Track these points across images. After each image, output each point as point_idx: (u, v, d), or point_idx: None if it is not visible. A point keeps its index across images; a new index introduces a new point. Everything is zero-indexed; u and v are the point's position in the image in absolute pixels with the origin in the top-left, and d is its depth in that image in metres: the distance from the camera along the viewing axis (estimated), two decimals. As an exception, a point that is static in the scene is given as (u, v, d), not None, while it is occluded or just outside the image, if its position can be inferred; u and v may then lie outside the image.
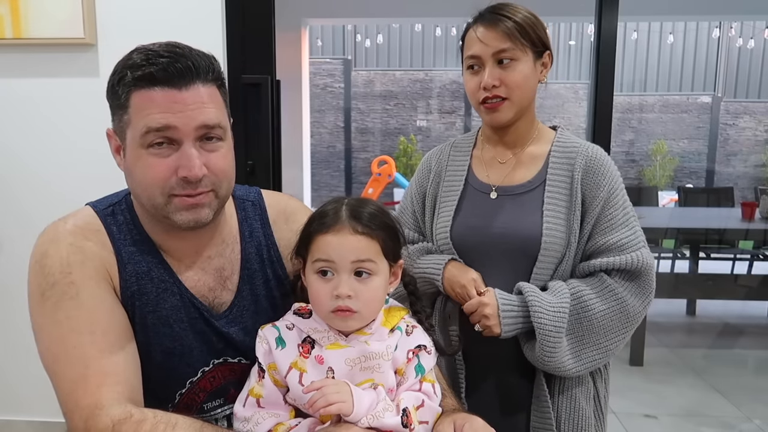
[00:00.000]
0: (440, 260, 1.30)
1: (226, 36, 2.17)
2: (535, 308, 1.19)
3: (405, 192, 1.45)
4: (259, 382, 0.91)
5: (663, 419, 2.88)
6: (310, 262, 0.92)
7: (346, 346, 0.90)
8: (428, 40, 11.79)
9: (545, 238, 1.23)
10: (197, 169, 0.87)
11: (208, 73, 0.88)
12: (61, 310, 0.88)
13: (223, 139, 0.92)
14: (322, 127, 11.83)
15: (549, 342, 1.19)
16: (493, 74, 1.23)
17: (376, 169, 8.42)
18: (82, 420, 0.84)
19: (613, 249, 1.23)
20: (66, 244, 0.91)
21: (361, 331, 0.91)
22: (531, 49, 1.24)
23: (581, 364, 1.22)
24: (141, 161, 0.88)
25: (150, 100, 0.85)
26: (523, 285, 1.23)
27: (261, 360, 0.91)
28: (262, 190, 1.12)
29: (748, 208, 4.43)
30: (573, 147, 1.29)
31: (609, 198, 1.24)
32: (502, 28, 1.22)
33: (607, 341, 1.23)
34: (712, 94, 11.85)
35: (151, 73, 0.84)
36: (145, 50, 0.87)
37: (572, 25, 11.36)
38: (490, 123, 1.31)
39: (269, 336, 0.92)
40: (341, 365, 0.88)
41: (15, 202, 2.29)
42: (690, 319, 4.56)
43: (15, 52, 2.20)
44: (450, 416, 0.89)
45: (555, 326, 1.18)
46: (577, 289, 1.22)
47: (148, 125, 0.86)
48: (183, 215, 0.90)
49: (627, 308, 1.22)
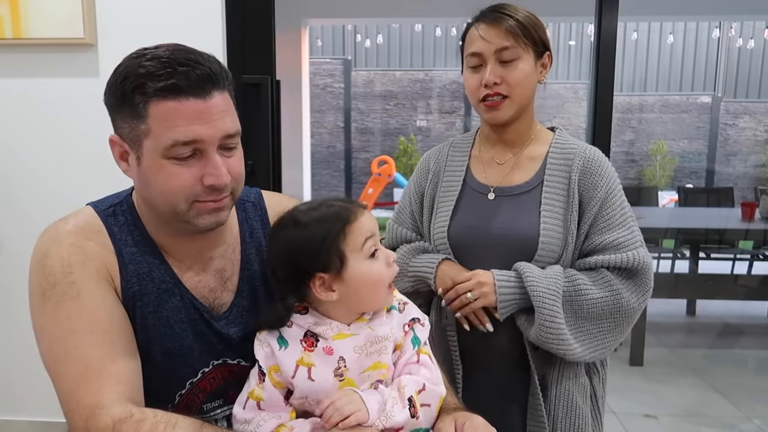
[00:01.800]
0: (434, 259, 1.31)
1: (226, 36, 2.17)
2: (529, 277, 1.20)
3: (403, 192, 1.46)
4: (259, 385, 0.91)
5: (663, 419, 2.88)
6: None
7: (352, 335, 0.90)
8: (428, 40, 11.79)
9: (542, 239, 1.23)
10: (225, 177, 0.89)
11: (223, 79, 0.89)
12: (62, 310, 0.88)
13: (238, 144, 0.93)
14: (322, 127, 11.83)
15: (545, 307, 1.18)
16: (494, 72, 1.23)
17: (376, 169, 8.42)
18: (82, 420, 0.84)
19: (610, 248, 1.23)
20: (67, 245, 0.91)
21: (362, 318, 0.93)
22: (532, 48, 1.24)
23: (582, 347, 1.22)
24: (164, 171, 0.87)
25: (175, 111, 0.84)
26: (519, 263, 1.24)
27: (262, 363, 0.91)
28: (263, 191, 1.12)
29: (748, 208, 4.43)
30: (571, 148, 1.29)
31: (606, 198, 1.24)
32: (504, 26, 1.22)
33: (601, 332, 1.23)
34: (712, 94, 11.86)
35: (176, 84, 0.83)
36: (155, 56, 0.85)
37: (572, 25, 11.37)
38: (490, 121, 1.31)
39: (269, 338, 0.92)
40: (350, 353, 0.89)
41: (15, 202, 2.29)
42: (690, 319, 4.56)
43: (15, 52, 2.20)
44: (451, 415, 0.89)
45: (550, 290, 1.19)
46: (572, 272, 1.23)
47: (176, 138, 0.85)
48: (205, 219, 0.91)
49: (621, 301, 1.22)
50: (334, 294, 0.90)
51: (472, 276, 1.24)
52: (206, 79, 0.85)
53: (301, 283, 0.91)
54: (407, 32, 11.99)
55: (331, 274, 0.90)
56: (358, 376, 0.89)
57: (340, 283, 0.90)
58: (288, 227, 0.92)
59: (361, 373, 0.89)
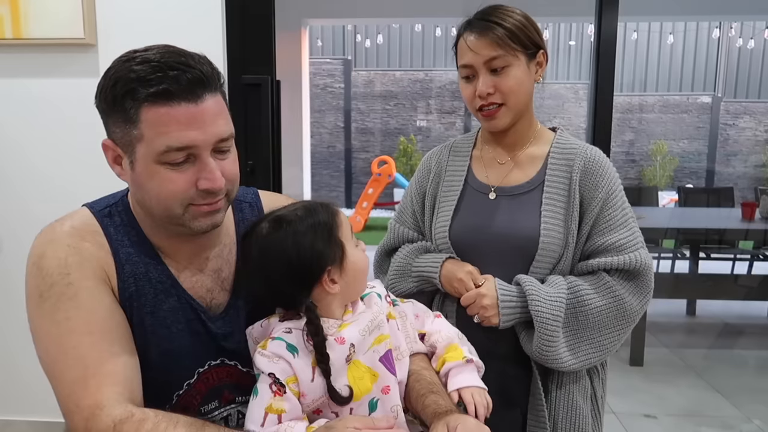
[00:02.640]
0: (437, 258, 1.31)
1: (226, 36, 2.17)
2: (533, 297, 1.19)
3: (405, 191, 1.46)
4: (276, 398, 0.87)
5: (663, 419, 2.88)
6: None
7: (352, 322, 0.94)
8: (428, 40, 11.80)
9: (543, 239, 1.23)
10: (219, 181, 0.88)
11: (215, 81, 0.88)
12: (59, 311, 0.88)
13: (231, 146, 0.92)
14: (322, 127, 11.84)
15: (546, 331, 1.19)
16: (486, 82, 1.22)
17: (376, 169, 8.43)
18: (82, 421, 0.83)
19: (612, 249, 1.23)
20: (64, 246, 0.91)
21: (348, 311, 0.96)
22: (523, 53, 1.23)
23: (577, 359, 1.22)
24: (158, 176, 0.87)
25: (167, 116, 0.83)
26: (521, 277, 1.24)
27: (280, 376, 0.88)
28: (260, 191, 1.12)
29: (748, 208, 4.43)
30: (572, 148, 1.29)
31: (607, 199, 1.24)
32: (491, 36, 1.21)
33: (602, 337, 1.23)
34: (712, 94, 11.86)
35: (167, 89, 0.82)
36: (146, 60, 0.84)
37: (572, 25, 11.38)
38: (489, 129, 1.32)
39: (278, 349, 0.89)
40: (357, 337, 0.92)
41: (15, 202, 2.29)
42: (690, 319, 4.56)
43: (15, 52, 2.20)
44: (443, 418, 0.88)
45: (552, 315, 1.19)
46: (575, 283, 1.23)
47: (169, 144, 0.84)
48: (201, 222, 0.92)
49: (624, 306, 1.22)
50: (337, 286, 0.93)
51: (474, 293, 1.24)
52: (197, 82, 0.85)
53: (313, 284, 0.92)
54: (407, 32, 12.00)
55: (336, 267, 0.93)
56: (364, 355, 0.93)
57: (341, 273, 0.93)
58: (285, 234, 0.91)
59: (366, 351, 0.93)
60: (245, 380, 1.02)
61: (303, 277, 0.91)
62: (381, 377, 0.93)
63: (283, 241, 0.91)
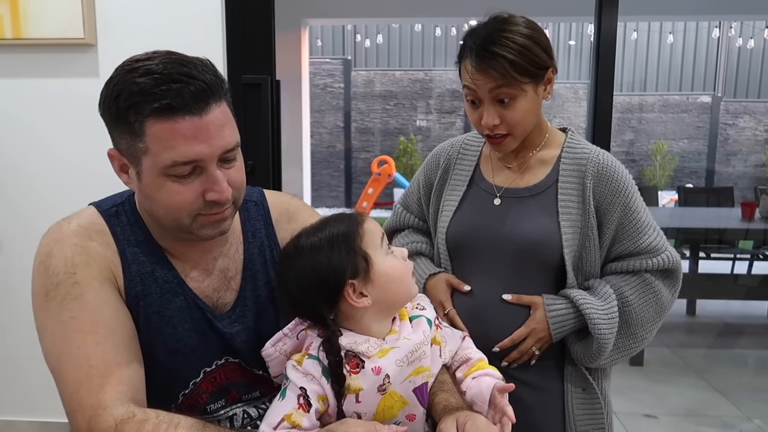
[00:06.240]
0: (425, 271, 1.35)
1: (226, 36, 2.18)
2: (592, 317, 1.22)
3: (414, 178, 1.47)
4: (299, 411, 0.86)
5: (663, 419, 2.88)
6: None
7: (391, 348, 0.90)
8: (428, 40, 11.80)
9: (565, 243, 1.23)
10: (227, 192, 0.88)
11: (220, 90, 0.87)
12: (65, 310, 0.88)
13: (237, 154, 0.92)
14: (322, 127, 11.83)
15: (605, 347, 1.23)
16: (491, 114, 1.18)
17: (376, 169, 8.42)
18: (85, 420, 0.84)
19: (647, 252, 1.26)
20: (70, 245, 0.91)
21: (393, 330, 0.93)
22: (530, 83, 1.17)
23: (619, 353, 1.28)
24: (165, 188, 0.87)
25: (172, 131, 0.83)
26: (571, 292, 1.25)
27: (310, 394, 0.87)
28: (265, 190, 1.12)
29: (748, 208, 4.43)
30: (583, 153, 1.28)
31: (628, 204, 1.25)
32: (493, 71, 1.14)
33: (643, 331, 1.28)
34: (712, 94, 11.86)
35: (171, 104, 0.82)
36: (148, 71, 0.83)
37: (572, 25, 11.37)
38: (496, 151, 1.31)
39: (313, 371, 0.87)
40: (393, 368, 0.89)
41: (15, 202, 2.29)
42: (690, 319, 4.56)
43: (15, 52, 2.20)
44: (453, 415, 0.89)
45: (611, 332, 1.23)
46: (620, 288, 1.26)
47: (174, 159, 0.84)
48: (209, 230, 0.92)
49: (662, 300, 1.27)
50: (366, 299, 0.89)
51: (528, 330, 1.25)
52: (202, 94, 0.84)
53: (335, 299, 0.89)
54: (407, 32, 12.00)
55: (360, 279, 0.89)
56: (400, 385, 0.90)
57: (370, 285, 0.89)
58: (303, 249, 0.90)
59: (402, 382, 0.90)
60: (252, 379, 1.02)
61: (322, 292, 0.89)
62: (410, 406, 0.92)
63: (298, 257, 0.90)
